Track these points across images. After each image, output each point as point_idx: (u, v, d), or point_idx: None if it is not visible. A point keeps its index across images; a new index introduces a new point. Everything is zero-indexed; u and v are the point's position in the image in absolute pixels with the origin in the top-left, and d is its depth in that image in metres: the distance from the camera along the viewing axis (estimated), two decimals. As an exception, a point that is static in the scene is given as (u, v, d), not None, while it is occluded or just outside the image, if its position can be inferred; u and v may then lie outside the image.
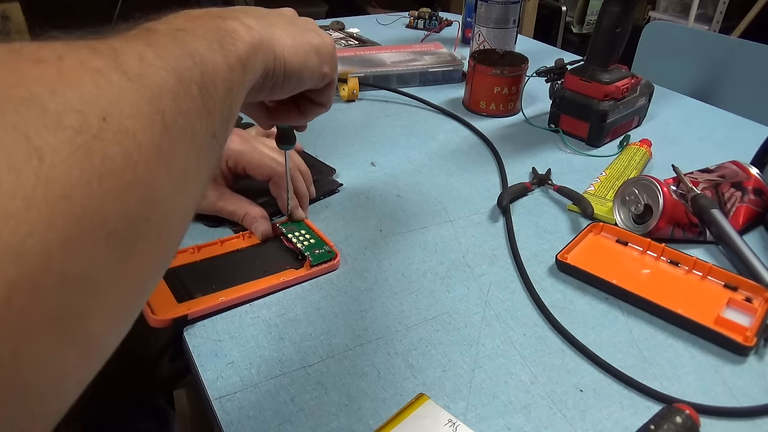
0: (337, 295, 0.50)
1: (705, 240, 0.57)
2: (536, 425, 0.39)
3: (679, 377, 0.43)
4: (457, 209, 0.62)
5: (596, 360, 0.44)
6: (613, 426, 0.39)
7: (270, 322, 0.46)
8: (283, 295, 0.49)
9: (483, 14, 0.93)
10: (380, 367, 0.43)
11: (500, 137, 0.78)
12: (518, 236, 0.57)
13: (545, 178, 0.67)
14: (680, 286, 0.51)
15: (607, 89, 0.74)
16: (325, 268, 0.51)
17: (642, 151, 0.71)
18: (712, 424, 0.39)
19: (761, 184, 0.60)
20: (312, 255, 0.51)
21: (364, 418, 0.39)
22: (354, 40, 1.12)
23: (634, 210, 0.58)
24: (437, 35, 1.23)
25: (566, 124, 0.79)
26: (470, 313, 0.48)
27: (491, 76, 0.82)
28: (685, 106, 0.93)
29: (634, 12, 0.73)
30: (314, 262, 0.51)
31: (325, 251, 0.52)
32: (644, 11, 2.62)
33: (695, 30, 1.44)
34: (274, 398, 0.40)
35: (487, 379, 0.42)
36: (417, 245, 0.56)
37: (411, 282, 0.51)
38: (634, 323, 0.48)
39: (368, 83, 0.91)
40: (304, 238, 0.53)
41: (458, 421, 0.37)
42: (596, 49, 0.75)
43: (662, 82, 0.95)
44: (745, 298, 0.49)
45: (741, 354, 0.45)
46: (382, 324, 0.47)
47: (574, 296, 0.50)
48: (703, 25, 2.35)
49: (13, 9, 1.52)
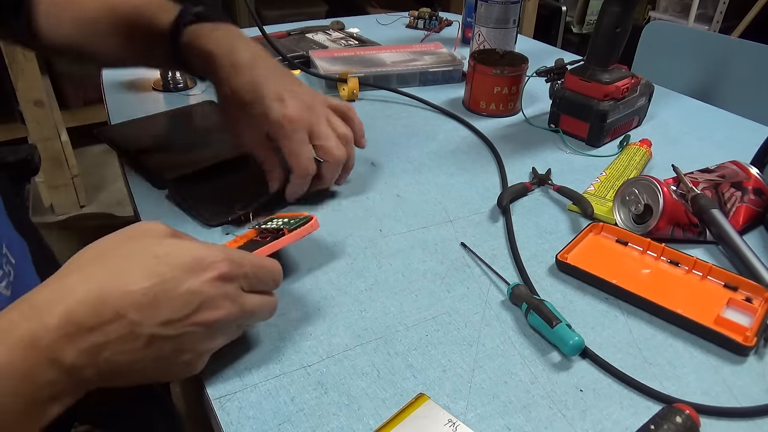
0: (337, 295, 0.50)
1: (705, 240, 0.57)
2: (536, 425, 0.39)
3: (679, 377, 0.43)
4: (457, 209, 0.62)
5: (596, 360, 0.44)
6: (613, 426, 0.39)
7: (270, 322, 0.46)
8: (283, 294, 0.49)
9: (483, 14, 0.93)
10: (380, 367, 0.43)
11: (500, 137, 0.78)
12: (518, 236, 0.57)
13: (545, 178, 0.67)
14: (680, 286, 0.51)
15: (607, 89, 0.74)
16: (304, 230, 0.49)
17: (642, 151, 0.71)
18: (712, 424, 0.39)
19: (761, 184, 0.60)
20: (287, 225, 0.49)
21: (364, 418, 0.39)
22: (354, 40, 1.12)
23: (634, 210, 0.58)
24: (437, 35, 1.23)
25: (566, 124, 0.79)
26: (470, 313, 0.48)
27: (491, 76, 0.82)
28: (685, 106, 0.93)
29: (634, 12, 0.73)
30: (291, 228, 0.48)
31: (300, 219, 0.50)
32: (644, 11, 2.62)
33: (695, 30, 1.44)
34: (274, 398, 0.40)
35: (487, 379, 0.42)
36: (417, 245, 0.56)
37: (411, 282, 0.51)
38: (634, 323, 0.48)
39: (368, 83, 0.91)
40: (279, 221, 0.51)
41: (458, 421, 0.37)
42: (596, 49, 0.75)
43: (662, 82, 0.94)
44: (745, 298, 0.49)
45: (741, 354, 0.45)
46: (382, 324, 0.47)
47: (574, 296, 0.50)
48: (703, 25, 2.35)
49: (13, 9, 1.52)
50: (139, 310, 0.32)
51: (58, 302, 0.31)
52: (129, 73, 0.95)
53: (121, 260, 0.34)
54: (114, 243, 0.36)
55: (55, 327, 0.31)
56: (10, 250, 0.43)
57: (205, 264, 0.35)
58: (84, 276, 0.33)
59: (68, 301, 0.32)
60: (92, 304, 0.32)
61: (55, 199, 1.86)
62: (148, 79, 0.93)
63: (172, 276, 0.34)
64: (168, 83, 0.89)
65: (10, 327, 0.31)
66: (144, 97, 0.87)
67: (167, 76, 0.89)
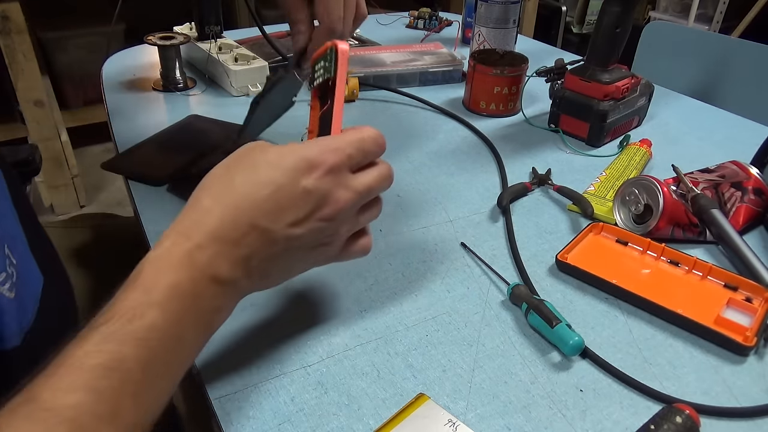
0: (337, 295, 0.50)
1: (705, 240, 0.57)
2: (536, 425, 0.39)
3: (679, 377, 0.43)
4: (457, 209, 0.62)
5: (596, 360, 0.44)
6: (613, 426, 0.39)
7: (270, 322, 0.46)
8: (283, 294, 0.49)
9: (483, 14, 0.93)
10: (380, 367, 0.43)
11: (500, 137, 0.78)
12: (518, 236, 0.57)
13: (545, 178, 0.67)
14: (680, 286, 0.51)
15: (607, 89, 0.74)
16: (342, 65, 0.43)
17: (642, 151, 0.71)
18: (712, 424, 0.39)
19: (761, 184, 0.60)
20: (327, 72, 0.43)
21: (364, 418, 0.39)
22: (354, 40, 1.12)
23: (634, 210, 0.58)
24: (437, 35, 1.23)
25: (566, 124, 0.79)
26: (470, 313, 0.48)
27: (491, 76, 0.82)
28: (685, 106, 0.93)
29: (634, 12, 0.73)
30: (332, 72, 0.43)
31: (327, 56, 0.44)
32: (644, 11, 2.62)
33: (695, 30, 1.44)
34: (274, 398, 0.40)
35: (487, 379, 0.42)
36: (417, 245, 0.56)
37: (411, 282, 0.51)
38: (634, 323, 0.48)
39: (368, 83, 0.91)
40: (318, 71, 0.46)
41: (458, 421, 0.37)
42: (596, 49, 0.75)
43: (662, 82, 0.94)
44: (745, 298, 0.49)
45: (741, 354, 0.45)
46: (382, 324, 0.47)
47: (574, 296, 0.50)
48: (703, 25, 2.35)
49: (13, 9, 1.51)
50: (267, 217, 0.36)
51: (202, 224, 0.35)
52: (129, 73, 0.95)
53: (241, 175, 0.37)
54: (230, 164, 0.38)
55: (206, 246, 0.34)
56: (12, 250, 0.42)
57: (312, 162, 0.37)
58: (215, 197, 0.36)
59: (210, 221, 0.35)
60: (230, 221, 0.35)
61: (55, 199, 1.86)
62: (148, 78, 0.93)
63: (286, 180, 0.36)
64: (168, 83, 0.89)
65: (168, 254, 0.34)
66: (144, 97, 0.87)
67: (167, 76, 0.89)
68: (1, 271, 0.39)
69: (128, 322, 0.31)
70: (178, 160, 0.69)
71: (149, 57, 1.00)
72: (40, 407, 0.27)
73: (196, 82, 0.92)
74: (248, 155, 0.38)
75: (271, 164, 0.36)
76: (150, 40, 0.85)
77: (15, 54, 1.60)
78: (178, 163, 0.68)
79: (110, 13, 1.00)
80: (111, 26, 1.18)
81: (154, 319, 0.32)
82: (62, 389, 0.28)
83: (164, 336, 0.32)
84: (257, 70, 0.87)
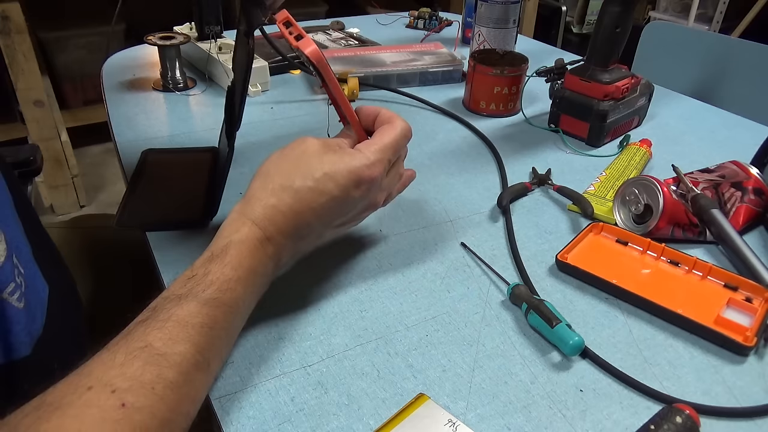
0: (337, 295, 0.50)
1: (705, 240, 0.57)
2: (536, 425, 0.39)
3: (679, 377, 0.43)
4: (457, 209, 0.62)
5: (596, 360, 0.44)
6: (613, 426, 0.39)
7: (269, 323, 0.46)
8: (283, 294, 0.49)
9: (483, 14, 0.93)
10: (380, 367, 0.43)
11: (500, 137, 0.78)
12: (518, 236, 0.57)
13: (545, 178, 0.67)
14: (680, 286, 0.51)
15: (607, 89, 0.74)
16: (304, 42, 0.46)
17: (642, 151, 0.71)
18: (712, 424, 0.39)
19: (761, 184, 0.60)
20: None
21: (364, 418, 0.39)
22: (354, 40, 1.12)
23: (634, 210, 0.58)
24: (437, 35, 1.23)
25: (566, 124, 0.79)
26: (470, 313, 0.48)
27: (491, 76, 0.82)
28: (685, 106, 0.93)
29: (634, 12, 0.73)
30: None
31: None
32: (644, 11, 2.62)
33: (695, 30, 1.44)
34: (273, 398, 0.40)
35: (487, 379, 0.42)
36: (417, 245, 0.56)
37: (411, 282, 0.51)
38: (634, 323, 0.48)
39: (368, 83, 0.91)
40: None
41: (458, 421, 0.37)
42: (596, 49, 0.75)
43: (662, 82, 0.94)
44: (745, 298, 0.49)
45: (741, 354, 0.45)
46: (382, 324, 0.47)
47: (574, 296, 0.50)
48: (703, 25, 2.35)
49: (13, 9, 1.51)
50: (321, 220, 0.44)
51: (272, 222, 0.42)
52: (129, 73, 0.95)
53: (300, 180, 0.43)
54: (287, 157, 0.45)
55: (275, 241, 0.43)
56: (19, 258, 0.42)
57: (361, 176, 0.44)
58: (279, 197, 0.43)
59: (278, 220, 0.42)
60: (293, 225, 0.43)
61: (55, 199, 1.86)
62: (148, 78, 0.93)
63: (339, 193, 0.44)
64: (168, 83, 0.89)
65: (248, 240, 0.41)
66: (144, 97, 0.87)
67: (167, 76, 0.89)
68: (10, 281, 0.39)
69: (222, 293, 0.38)
70: (189, 191, 0.63)
71: (149, 57, 1.00)
72: (155, 352, 0.33)
73: (196, 82, 0.92)
74: (302, 157, 0.44)
75: (328, 176, 0.43)
76: (150, 40, 0.85)
77: (15, 54, 1.60)
78: (194, 191, 0.62)
79: (110, 13, 1.00)
80: (111, 26, 1.18)
81: (240, 294, 0.40)
82: (172, 339, 0.34)
83: (242, 306, 0.41)
84: (257, 70, 0.87)
